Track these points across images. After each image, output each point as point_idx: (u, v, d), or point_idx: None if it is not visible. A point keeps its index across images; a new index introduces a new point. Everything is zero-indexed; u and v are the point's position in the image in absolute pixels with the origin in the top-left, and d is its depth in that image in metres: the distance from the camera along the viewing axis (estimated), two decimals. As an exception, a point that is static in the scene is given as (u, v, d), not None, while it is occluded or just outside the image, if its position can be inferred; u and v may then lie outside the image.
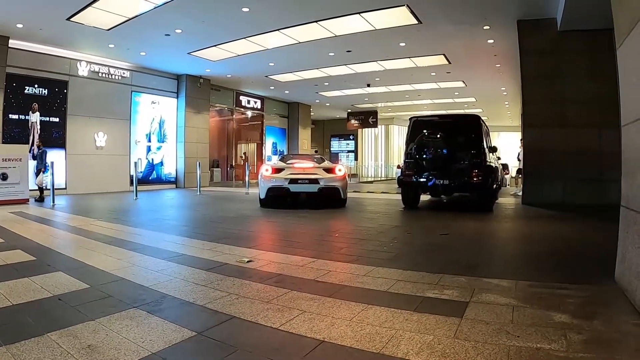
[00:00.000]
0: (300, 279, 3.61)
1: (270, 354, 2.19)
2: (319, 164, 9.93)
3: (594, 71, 9.20)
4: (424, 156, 8.52)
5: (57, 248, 4.93)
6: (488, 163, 8.64)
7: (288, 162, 10.00)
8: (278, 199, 9.23)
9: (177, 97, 16.45)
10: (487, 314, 2.72)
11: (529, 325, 2.51)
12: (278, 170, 9.23)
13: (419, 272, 3.79)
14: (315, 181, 8.93)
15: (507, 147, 24.17)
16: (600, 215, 7.52)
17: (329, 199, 9.21)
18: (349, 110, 25.58)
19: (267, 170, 9.31)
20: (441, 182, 8.51)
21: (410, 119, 9.50)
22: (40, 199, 10.41)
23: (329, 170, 9.35)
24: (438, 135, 8.51)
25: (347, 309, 2.85)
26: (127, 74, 14.51)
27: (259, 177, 9.57)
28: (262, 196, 9.26)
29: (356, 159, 29.81)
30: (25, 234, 5.84)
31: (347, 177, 9.57)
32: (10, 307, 2.84)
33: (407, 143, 9.12)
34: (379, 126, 27.65)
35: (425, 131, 8.66)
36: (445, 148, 8.37)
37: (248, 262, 4.23)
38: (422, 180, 8.69)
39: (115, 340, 2.31)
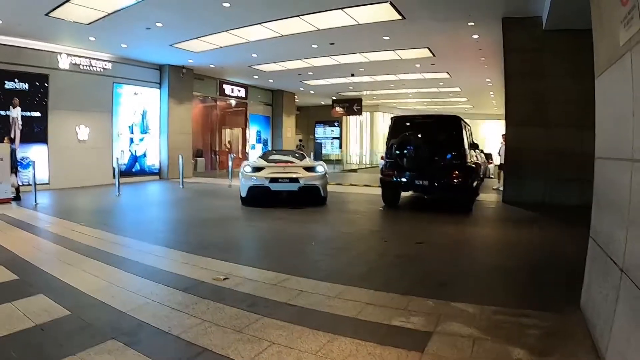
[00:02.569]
0: (273, 302, 3.70)
1: None
2: (300, 160, 10.11)
3: (577, 71, 9.14)
4: (404, 156, 8.59)
5: (38, 263, 4.89)
6: (468, 164, 8.74)
7: (269, 159, 10.14)
8: (259, 197, 9.24)
9: (160, 88, 16.23)
10: (447, 348, 2.83)
11: None
12: (259, 169, 9.28)
13: (389, 293, 3.89)
14: (295, 180, 9.03)
15: (492, 136, 24.38)
16: (579, 218, 7.66)
17: (309, 197, 9.30)
18: (334, 98, 25.49)
19: (247, 168, 9.37)
20: (421, 182, 8.62)
21: (391, 118, 9.56)
22: (17, 198, 10.25)
23: (309, 168, 9.45)
24: (419, 136, 8.59)
25: (314, 340, 2.95)
26: (108, 65, 14.24)
27: (240, 174, 9.59)
28: (244, 194, 9.31)
29: (341, 146, 29.81)
30: (7, 244, 5.78)
31: (327, 175, 9.70)
32: (-4, 340, 2.92)
33: (388, 142, 9.18)
34: (364, 113, 27.60)
35: (406, 132, 8.73)
36: (426, 148, 8.44)
37: (224, 279, 4.30)
38: (402, 180, 8.79)
39: None
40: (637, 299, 2.18)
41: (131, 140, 15.38)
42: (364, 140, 31.24)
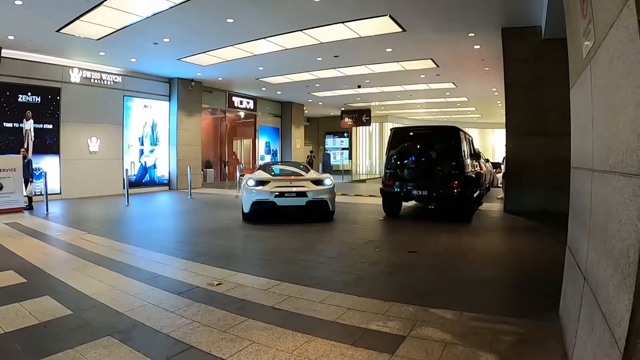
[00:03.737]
0: (260, 306, 3.90)
1: None
2: (306, 173, 9.80)
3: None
4: (404, 167, 8.75)
5: (46, 268, 5.18)
6: (467, 174, 8.84)
7: (272, 173, 9.81)
8: (263, 213, 8.73)
9: (169, 100, 16.64)
10: (417, 352, 2.95)
11: None
12: (263, 182, 8.71)
13: (372, 299, 4.03)
14: (303, 194, 8.54)
15: (501, 145, 24.30)
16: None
17: (317, 212, 8.87)
18: (343, 109, 25.72)
19: (250, 182, 8.78)
20: (420, 192, 8.75)
21: (390, 129, 9.72)
22: (30, 207, 10.63)
23: (317, 182, 9.00)
24: (417, 147, 8.73)
25: (293, 340, 3.12)
26: (119, 79, 14.69)
27: (242, 188, 9.13)
28: (246, 210, 8.70)
29: (350, 156, 29.98)
30: (18, 250, 6.11)
31: (335, 188, 9.30)
32: (2, 335, 3.22)
33: (388, 153, 9.33)
34: (373, 124, 27.78)
35: (405, 142, 8.89)
36: (424, 159, 8.59)
37: (217, 284, 4.50)
38: (401, 190, 8.92)
39: None
40: (592, 306, 2.25)
41: (141, 152, 15.76)
42: (373, 151, 31.36)
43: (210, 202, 12.94)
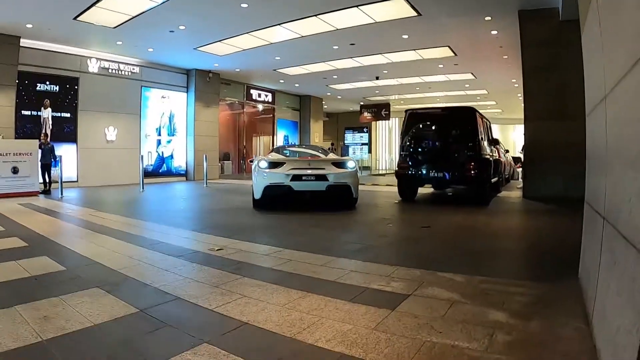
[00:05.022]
0: (258, 267, 3.78)
1: (191, 330, 2.38)
2: (325, 156, 8.88)
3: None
4: (419, 149, 8.52)
5: (50, 236, 5.21)
6: (484, 156, 8.56)
7: (287, 154, 8.94)
8: (277, 199, 7.85)
9: (187, 92, 16.71)
10: (421, 308, 2.73)
11: (458, 322, 2.47)
12: (277, 164, 7.65)
13: (376, 263, 3.85)
14: (323, 177, 7.45)
15: (522, 141, 23.72)
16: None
17: (338, 199, 7.94)
18: (362, 103, 25.50)
19: (263, 163, 7.73)
20: (435, 174, 8.50)
21: (405, 111, 9.48)
22: (48, 192, 10.80)
23: (338, 164, 7.88)
24: (433, 128, 8.49)
25: (286, 296, 2.96)
26: (136, 69, 14.81)
27: (253, 171, 8.07)
28: (257, 195, 7.68)
29: (370, 151, 29.71)
30: (26, 223, 6.15)
31: (358, 172, 8.33)
32: (-9, 284, 3.18)
33: (402, 135, 9.11)
34: (393, 118, 27.49)
35: (420, 124, 8.65)
36: (440, 140, 8.34)
37: (218, 250, 4.40)
38: (416, 172, 8.69)
39: (67, 313, 2.60)
40: (613, 239, 2.04)
41: (158, 142, 15.86)
42: (393, 146, 31.04)
43: (225, 189, 12.90)
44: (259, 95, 20.80)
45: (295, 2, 9.68)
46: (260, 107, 21.76)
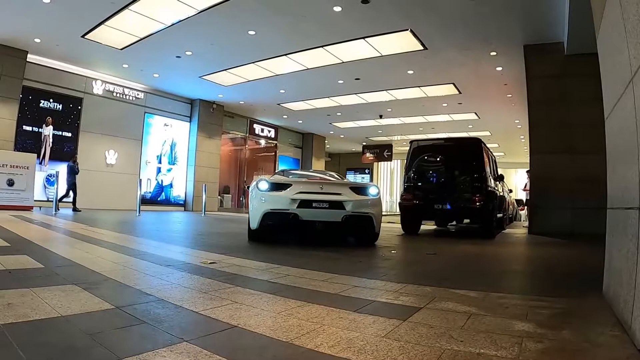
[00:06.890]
0: (253, 279, 3.42)
1: (171, 329, 2.04)
2: (341, 179, 7.59)
3: (601, 95, 8.84)
4: (424, 180, 8.30)
5: (35, 240, 5.04)
6: (490, 188, 8.33)
7: (293, 178, 7.07)
8: (278, 229, 6.53)
9: (190, 121, 16.71)
10: (436, 319, 2.40)
11: (481, 332, 2.17)
12: (281, 186, 6.13)
13: (383, 281, 3.51)
14: (339, 205, 5.89)
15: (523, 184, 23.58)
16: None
17: (357, 232, 6.66)
18: (364, 144, 25.57)
19: (263, 184, 6.15)
20: (440, 206, 8.23)
21: (410, 142, 9.33)
22: (77, 209, 11.06)
23: (358, 189, 6.29)
24: (438, 159, 8.29)
25: (283, 304, 2.61)
26: (141, 95, 14.86)
27: (250, 196, 6.48)
28: (254, 224, 6.10)
29: (371, 192, 29.49)
30: (13, 229, 6.02)
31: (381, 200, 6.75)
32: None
33: (407, 167, 8.90)
34: (395, 160, 27.49)
35: (425, 155, 8.47)
36: (445, 172, 8.14)
37: (211, 263, 4.06)
38: (421, 204, 8.41)
39: (35, 303, 2.34)
40: None
41: (158, 170, 15.68)
42: (395, 188, 30.87)
43: (223, 219, 12.58)
44: (262, 130, 20.83)
45: (303, 30, 9.76)
46: (262, 142, 21.75)
